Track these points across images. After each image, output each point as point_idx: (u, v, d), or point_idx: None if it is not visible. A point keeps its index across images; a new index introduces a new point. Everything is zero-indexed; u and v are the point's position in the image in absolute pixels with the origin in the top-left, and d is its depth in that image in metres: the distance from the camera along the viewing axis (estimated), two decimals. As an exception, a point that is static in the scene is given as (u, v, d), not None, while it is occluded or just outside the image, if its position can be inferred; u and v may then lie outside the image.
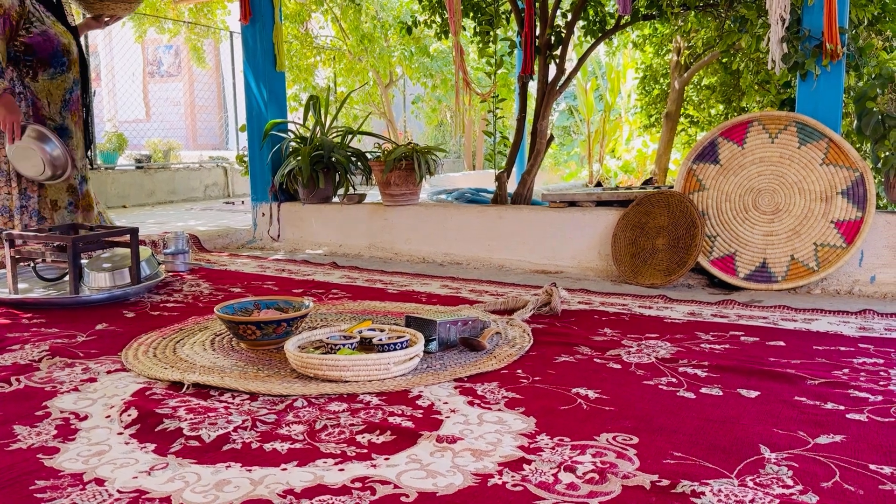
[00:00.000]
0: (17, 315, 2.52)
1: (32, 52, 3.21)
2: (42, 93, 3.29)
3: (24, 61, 3.23)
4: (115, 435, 1.46)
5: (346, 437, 1.44)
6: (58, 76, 3.33)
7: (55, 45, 3.27)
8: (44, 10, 3.30)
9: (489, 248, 3.64)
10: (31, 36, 3.19)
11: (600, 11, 4.45)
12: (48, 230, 2.93)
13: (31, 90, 3.26)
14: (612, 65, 11.03)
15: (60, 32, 3.33)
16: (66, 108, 3.40)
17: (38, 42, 3.22)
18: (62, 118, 3.38)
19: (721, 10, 3.78)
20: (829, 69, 2.97)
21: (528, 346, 2.06)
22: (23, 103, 3.22)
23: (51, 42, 3.26)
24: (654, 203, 3.15)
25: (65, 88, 3.37)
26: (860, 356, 1.96)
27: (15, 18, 3.17)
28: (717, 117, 6.86)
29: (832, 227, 2.85)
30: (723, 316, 2.47)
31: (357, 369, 1.75)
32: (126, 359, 1.96)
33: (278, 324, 2.03)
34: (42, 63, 3.26)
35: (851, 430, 1.45)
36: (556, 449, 1.37)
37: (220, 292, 2.93)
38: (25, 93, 3.23)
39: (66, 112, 3.41)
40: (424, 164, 3.81)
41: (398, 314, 2.42)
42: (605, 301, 2.73)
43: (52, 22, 3.31)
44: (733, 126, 3.07)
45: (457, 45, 3.93)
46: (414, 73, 10.75)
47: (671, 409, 1.57)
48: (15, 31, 3.18)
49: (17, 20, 3.17)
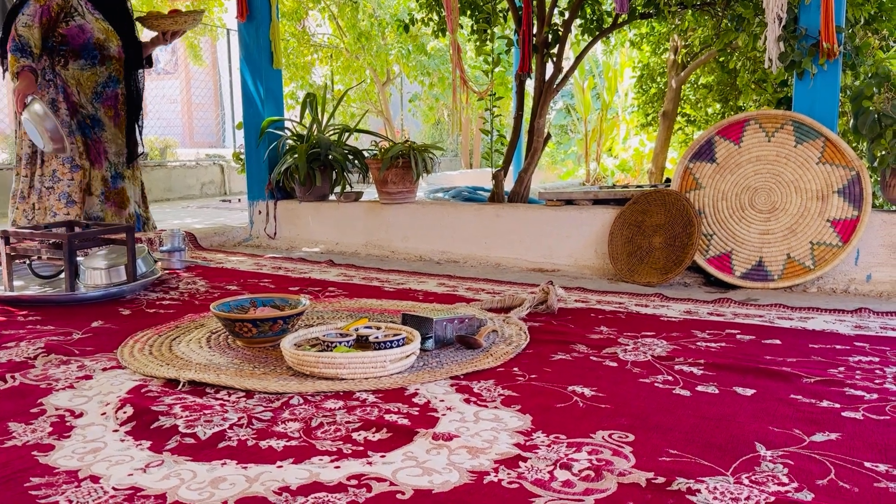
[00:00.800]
0: (12, 312, 2.52)
1: (66, 42, 3.41)
2: (71, 80, 3.46)
3: (59, 51, 3.42)
4: (110, 432, 1.46)
5: (342, 434, 1.44)
6: (88, 67, 3.49)
7: (88, 38, 3.45)
8: (90, 7, 3.49)
9: (486, 247, 3.64)
10: (68, 28, 3.40)
11: (598, 10, 4.46)
12: (44, 227, 2.92)
13: (61, 77, 3.44)
14: (609, 63, 11.04)
15: (99, 29, 3.51)
16: (97, 99, 3.56)
17: (74, 33, 3.42)
18: (94, 108, 3.55)
19: (718, 8, 3.78)
20: (825, 68, 2.97)
21: (524, 344, 2.06)
22: (52, 89, 3.42)
23: (84, 34, 3.44)
24: (651, 201, 3.16)
25: (96, 81, 3.53)
26: (856, 354, 1.97)
27: (55, 10, 3.36)
28: (714, 116, 6.87)
29: (828, 225, 2.86)
30: (719, 314, 2.47)
31: (353, 367, 1.75)
32: (122, 356, 1.96)
33: (274, 321, 2.03)
34: (73, 53, 3.44)
35: (847, 427, 1.45)
36: (552, 446, 1.37)
37: (216, 290, 2.92)
38: (55, 80, 3.43)
39: (99, 104, 3.56)
40: (421, 163, 3.81)
41: (395, 312, 2.42)
42: (602, 299, 2.73)
43: (95, 19, 3.49)
44: (730, 125, 3.08)
45: (454, 44, 3.92)
46: (411, 71, 10.75)
47: (667, 406, 1.58)
48: (54, 21, 3.38)
49: (56, 11, 3.37)
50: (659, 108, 7.46)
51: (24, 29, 3.28)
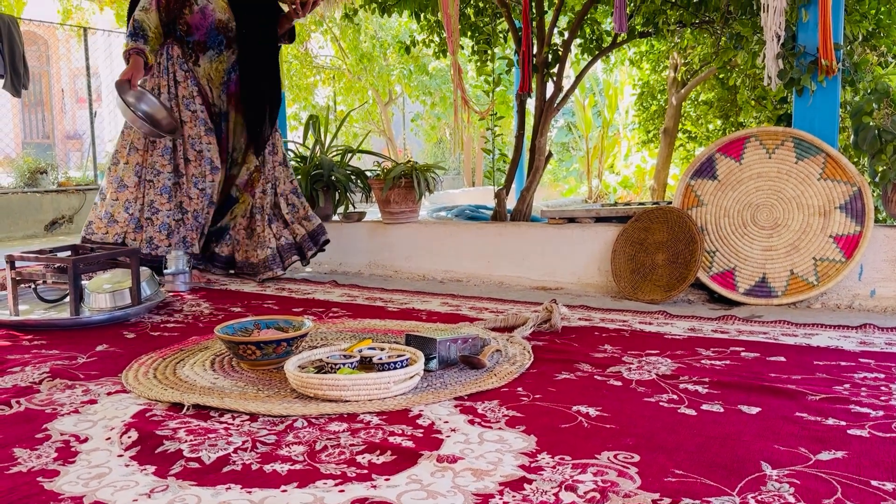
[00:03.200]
0: (17, 337, 2.52)
1: (192, 33, 3.20)
2: (204, 79, 3.27)
3: (187, 43, 3.22)
4: (115, 457, 1.46)
5: (347, 457, 1.44)
6: (215, 58, 3.28)
7: (210, 22, 3.22)
8: None
9: (489, 265, 3.65)
10: (192, 15, 3.19)
11: (597, 29, 4.49)
12: (49, 251, 2.94)
13: (193, 75, 3.24)
14: (609, 81, 11.10)
15: (220, 8, 3.24)
16: (224, 91, 3.34)
17: (197, 21, 3.20)
18: (222, 102, 3.34)
19: (717, 27, 3.81)
20: (824, 85, 2.99)
21: (528, 364, 2.06)
22: (189, 81, 3.24)
23: (206, 18, 3.21)
24: (653, 219, 3.16)
25: (223, 70, 3.32)
26: (861, 371, 1.96)
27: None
28: (715, 132, 6.89)
29: (831, 241, 2.86)
30: (723, 331, 2.47)
31: (357, 388, 1.75)
32: (126, 380, 1.96)
33: (278, 343, 2.03)
34: (200, 46, 3.24)
35: (853, 445, 1.45)
36: (556, 468, 1.36)
37: (220, 312, 2.93)
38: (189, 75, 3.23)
39: (225, 95, 3.33)
40: (424, 182, 3.83)
41: (398, 332, 2.42)
42: (606, 317, 2.73)
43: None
44: (730, 142, 3.09)
45: (455, 64, 3.96)
46: (413, 91, 10.82)
47: (672, 426, 1.57)
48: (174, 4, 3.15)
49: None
50: (660, 125, 7.49)
51: (141, 12, 3.12)
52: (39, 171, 6.83)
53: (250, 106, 3.41)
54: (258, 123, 3.42)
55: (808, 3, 2.97)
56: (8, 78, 6.42)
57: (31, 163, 6.85)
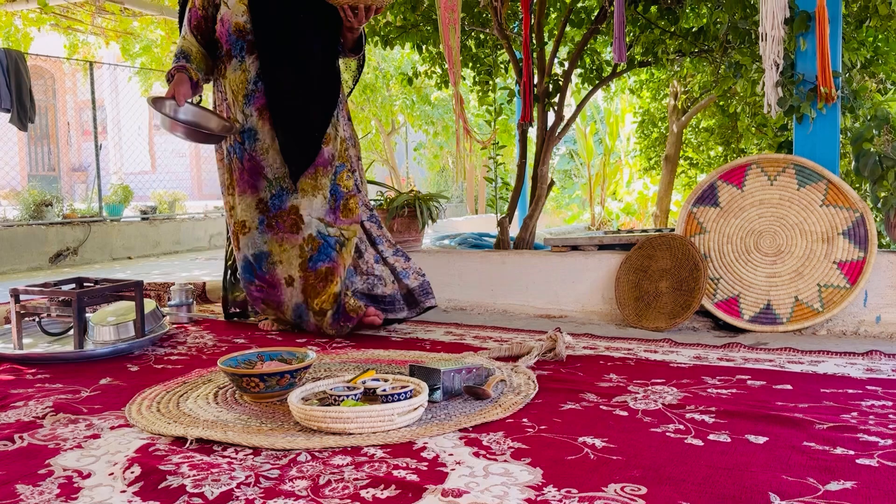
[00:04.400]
0: (21, 371, 2.52)
1: (222, 47, 2.94)
2: (228, 92, 2.97)
3: (220, 59, 2.99)
4: (118, 493, 1.45)
5: (350, 492, 1.42)
6: (238, 67, 2.91)
7: (227, 28, 2.89)
8: None
9: (492, 293, 3.64)
10: (219, 28, 2.95)
11: (597, 59, 4.54)
12: (53, 284, 2.94)
13: (221, 88, 3.02)
14: (610, 109, 11.19)
15: (237, 11, 2.88)
16: (249, 104, 2.92)
17: (220, 31, 2.94)
18: (245, 116, 2.92)
19: (716, 55, 3.85)
20: (824, 112, 3.01)
21: (533, 394, 2.05)
22: (219, 94, 3.04)
23: (224, 25, 2.90)
24: (656, 246, 3.16)
25: (246, 79, 2.90)
26: (868, 398, 1.95)
27: (199, 6, 2.93)
28: (717, 159, 6.93)
29: (835, 267, 2.85)
30: (729, 359, 2.45)
31: (361, 421, 1.74)
32: (130, 414, 1.95)
33: (282, 375, 2.03)
34: (228, 56, 2.94)
35: (862, 475, 1.43)
36: (563, 501, 1.35)
37: (223, 343, 2.92)
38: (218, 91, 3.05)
39: (250, 108, 2.91)
40: (427, 212, 3.84)
41: (402, 363, 2.42)
42: (611, 345, 2.71)
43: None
44: (732, 169, 3.10)
45: (457, 95, 3.99)
46: (416, 120, 10.92)
47: (679, 457, 1.56)
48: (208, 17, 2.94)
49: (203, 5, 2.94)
50: (661, 152, 7.54)
51: (181, 40, 2.97)
52: (45, 204, 6.87)
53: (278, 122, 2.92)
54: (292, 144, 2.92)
55: (806, 32, 3.00)
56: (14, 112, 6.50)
57: (37, 195, 6.89)
